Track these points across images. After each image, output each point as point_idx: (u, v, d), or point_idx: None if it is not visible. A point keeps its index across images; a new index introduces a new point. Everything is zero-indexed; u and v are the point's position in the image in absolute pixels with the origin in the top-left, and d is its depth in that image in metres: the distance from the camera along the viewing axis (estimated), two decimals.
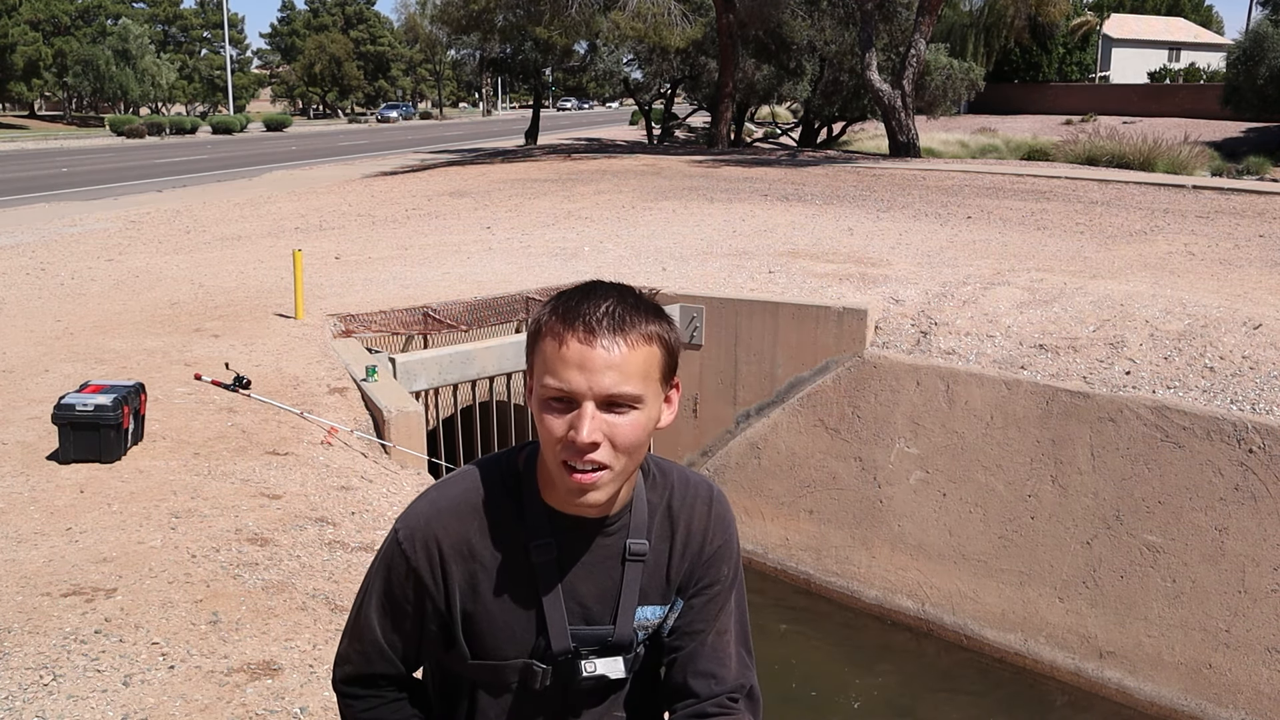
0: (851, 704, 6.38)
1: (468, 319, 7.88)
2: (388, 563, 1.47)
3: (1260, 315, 6.99)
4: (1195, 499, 6.10)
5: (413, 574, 1.44)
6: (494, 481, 1.47)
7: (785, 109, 38.46)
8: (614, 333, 1.33)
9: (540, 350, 1.36)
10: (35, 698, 2.87)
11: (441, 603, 1.45)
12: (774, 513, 8.02)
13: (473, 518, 1.45)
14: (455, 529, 1.44)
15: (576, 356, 1.32)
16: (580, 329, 1.33)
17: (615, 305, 1.36)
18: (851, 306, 7.81)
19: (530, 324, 1.41)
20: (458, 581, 1.44)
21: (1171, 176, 17.37)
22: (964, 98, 28.18)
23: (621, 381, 1.33)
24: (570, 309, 1.36)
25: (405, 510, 1.48)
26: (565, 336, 1.33)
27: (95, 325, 7.51)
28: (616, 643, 1.51)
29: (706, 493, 1.56)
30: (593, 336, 1.33)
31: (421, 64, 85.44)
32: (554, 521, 1.45)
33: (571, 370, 1.32)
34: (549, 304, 1.40)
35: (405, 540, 1.44)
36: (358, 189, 18.41)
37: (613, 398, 1.33)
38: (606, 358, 1.32)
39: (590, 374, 1.32)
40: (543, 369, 1.35)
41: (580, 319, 1.34)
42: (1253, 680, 5.83)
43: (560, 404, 1.34)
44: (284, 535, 4.13)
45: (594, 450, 1.33)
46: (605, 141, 33.98)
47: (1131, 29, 56.13)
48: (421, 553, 1.43)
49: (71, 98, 67.95)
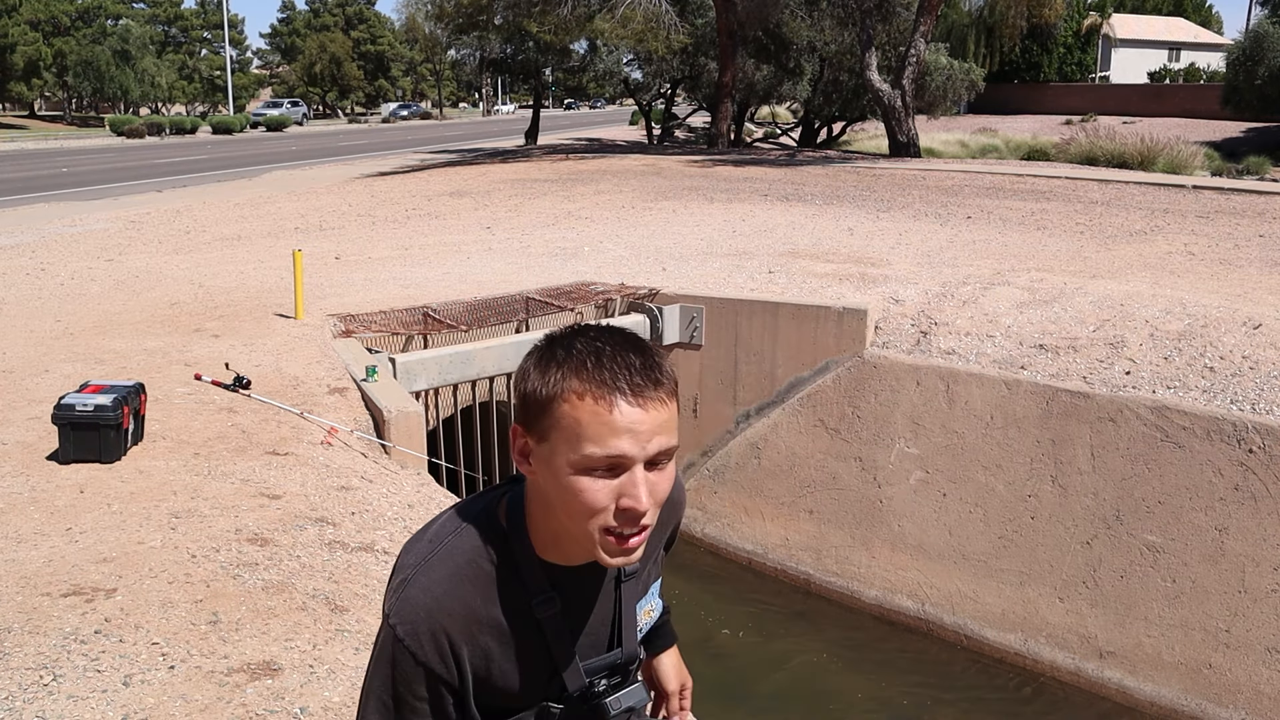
0: (851, 704, 6.38)
1: (468, 319, 7.88)
2: (390, 663, 1.35)
3: (1260, 315, 6.99)
4: (1195, 499, 6.10)
5: (422, 668, 1.34)
6: (480, 548, 1.37)
7: (785, 109, 38.43)
8: (655, 388, 1.25)
9: (565, 415, 1.24)
10: (35, 698, 2.87)
11: (456, 684, 1.37)
12: (774, 513, 8.02)
13: (473, 594, 1.36)
14: (458, 611, 1.34)
15: (626, 422, 1.22)
16: (627, 391, 1.23)
17: (643, 357, 1.26)
18: (851, 306, 7.81)
19: (536, 385, 1.27)
20: (469, 659, 1.36)
21: (1171, 176, 17.36)
22: (964, 98, 28.17)
23: (669, 439, 1.26)
24: (600, 368, 1.24)
25: (397, 604, 1.35)
26: (611, 400, 1.22)
27: (95, 325, 7.51)
28: (625, 661, 1.51)
29: (677, 480, 1.56)
30: (642, 398, 1.24)
31: (421, 64, 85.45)
32: (551, 574, 1.39)
33: (622, 437, 1.22)
34: (553, 362, 1.27)
35: (408, 637, 1.33)
36: (358, 189, 18.41)
37: (660, 456, 1.26)
38: (656, 419, 1.24)
39: (641, 438, 1.23)
40: (577, 436, 1.23)
41: (622, 378, 1.24)
42: (1253, 680, 5.83)
43: (605, 472, 1.24)
44: (284, 535, 4.13)
45: (646, 514, 1.26)
46: (605, 141, 33.98)
47: (1131, 29, 56.14)
48: (430, 646, 1.33)
49: (71, 98, 67.95)
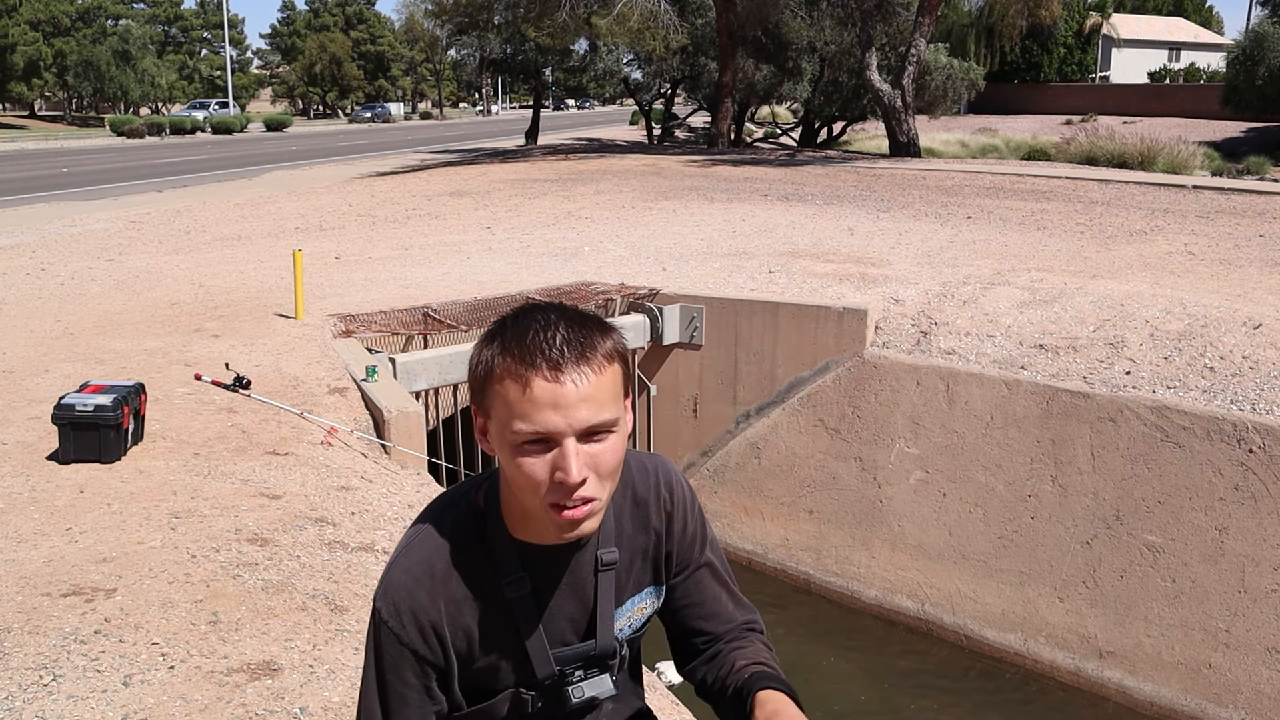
0: (851, 704, 6.38)
1: (468, 319, 7.88)
2: (379, 647, 1.40)
3: (1260, 315, 6.99)
4: (1195, 499, 6.10)
5: (406, 649, 1.38)
6: (459, 530, 1.41)
7: (785, 109, 38.43)
8: (579, 362, 1.25)
9: (498, 393, 1.27)
10: (35, 698, 2.87)
11: (441, 664, 1.41)
12: (774, 513, 8.02)
13: (450, 573, 1.39)
14: (438, 591, 1.39)
15: (547, 396, 1.24)
16: (544, 366, 1.24)
17: (570, 331, 1.27)
18: (851, 306, 7.81)
19: (475, 363, 1.31)
20: (450, 640, 1.40)
21: (1171, 176, 17.36)
22: (964, 98, 28.18)
23: (598, 411, 1.26)
24: (522, 345, 1.26)
25: (381, 585, 1.41)
26: (528, 377, 1.24)
27: (95, 325, 7.51)
28: (600, 655, 1.50)
29: (666, 475, 1.53)
30: (559, 372, 1.24)
31: (421, 64, 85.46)
32: (523, 555, 1.41)
33: (544, 411, 1.24)
34: (493, 341, 1.29)
35: (390, 619, 1.38)
36: (358, 189, 18.41)
37: (592, 428, 1.26)
38: (578, 391, 1.24)
39: (565, 411, 1.24)
40: (507, 413, 1.26)
41: (540, 354, 1.24)
42: (1253, 680, 5.83)
43: (536, 445, 1.26)
44: (284, 535, 4.13)
45: (584, 486, 1.27)
46: (605, 141, 33.99)
47: (1132, 29, 56.10)
48: (412, 626, 1.38)
49: (72, 98, 67.97)
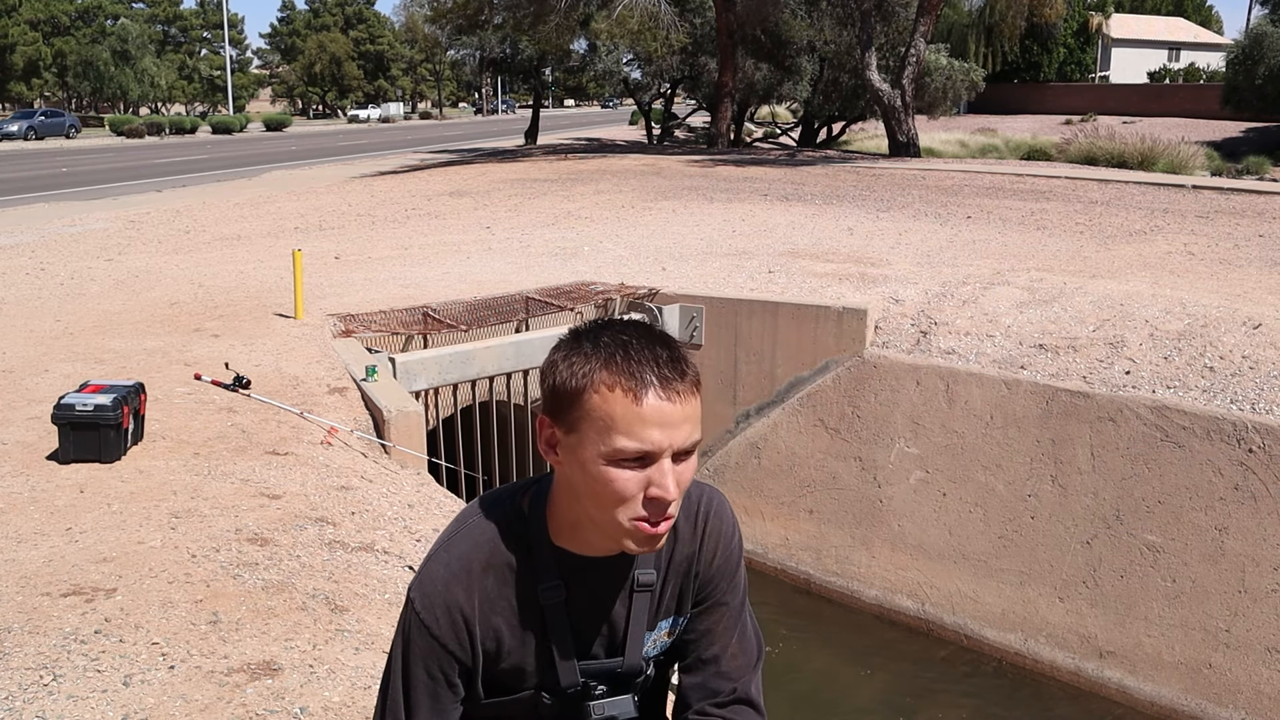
0: (851, 704, 6.38)
1: (468, 319, 7.88)
2: (409, 637, 1.43)
3: (1260, 315, 6.99)
4: (1195, 499, 6.10)
5: (435, 641, 1.41)
6: (501, 530, 1.44)
7: (785, 109, 38.42)
8: (681, 380, 1.30)
9: (596, 407, 1.29)
10: (35, 698, 2.87)
11: (468, 660, 1.43)
12: (774, 513, 8.02)
13: (486, 572, 1.43)
14: (474, 588, 1.42)
15: (655, 414, 1.27)
16: (655, 383, 1.28)
17: (666, 351, 1.32)
18: (851, 306, 7.81)
19: (565, 376, 1.32)
20: (480, 638, 1.42)
21: (1171, 176, 17.36)
22: (964, 98, 28.19)
23: (694, 431, 1.32)
24: (629, 361, 1.29)
25: (418, 577, 1.44)
26: (640, 393, 1.28)
27: (95, 325, 7.51)
28: (626, 673, 1.50)
29: (710, 504, 1.54)
30: (670, 391, 1.29)
31: (421, 64, 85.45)
32: (562, 563, 1.43)
33: (651, 429, 1.27)
34: (581, 355, 1.32)
35: (424, 610, 1.41)
36: (357, 189, 18.41)
37: (686, 449, 1.31)
38: (683, 411, 1.29)
39: (670, 430, 1.28)
40: (607, 428, 1.28)
41: (650, 371, 1.29)
42: (1253, 680, 5.83)
43: (634, 462, 1.29)
44: (284, 535, 4.13)
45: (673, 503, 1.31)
46: (605, 141, 33.99)
47: (1131, 29, 56.11)
48: (444, 620, 1.40)
49: (71, 98, 67.97)
